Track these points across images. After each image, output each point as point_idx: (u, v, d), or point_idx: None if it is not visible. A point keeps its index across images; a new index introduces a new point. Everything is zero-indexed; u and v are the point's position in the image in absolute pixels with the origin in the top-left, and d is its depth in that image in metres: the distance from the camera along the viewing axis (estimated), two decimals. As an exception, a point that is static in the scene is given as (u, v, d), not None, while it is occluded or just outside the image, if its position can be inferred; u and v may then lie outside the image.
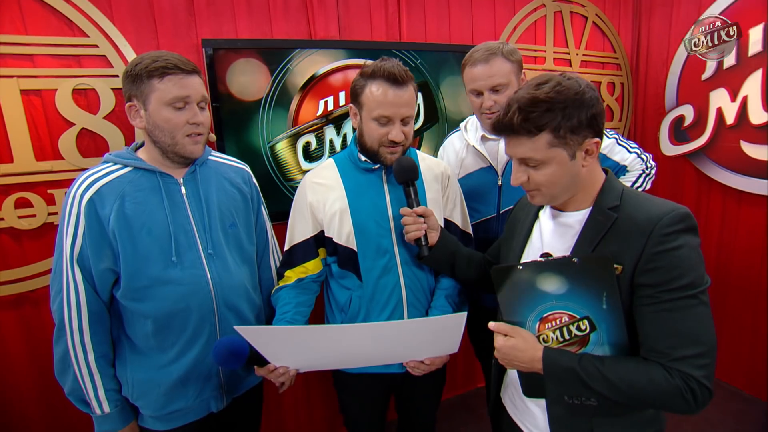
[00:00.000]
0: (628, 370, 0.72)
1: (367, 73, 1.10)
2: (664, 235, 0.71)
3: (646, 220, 0.73)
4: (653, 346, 0.72)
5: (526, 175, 0.81)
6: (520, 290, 0.77)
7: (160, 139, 1.01)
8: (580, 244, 0.79)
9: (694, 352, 0.69)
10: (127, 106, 1.02)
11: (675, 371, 0.69)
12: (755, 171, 2.10)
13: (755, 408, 2.12)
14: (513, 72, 1.27)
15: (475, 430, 2.12)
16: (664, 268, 0.70)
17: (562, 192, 0.81)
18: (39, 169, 1.43)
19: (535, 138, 0.76)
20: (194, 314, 1.05)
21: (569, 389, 0.75)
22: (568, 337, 0.77)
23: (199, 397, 1.09)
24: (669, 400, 0.69)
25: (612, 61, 2.50)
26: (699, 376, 0.68)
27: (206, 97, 1.05)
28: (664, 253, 0.70)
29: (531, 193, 0.83)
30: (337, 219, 1.15)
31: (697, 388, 0.68)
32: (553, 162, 0.77)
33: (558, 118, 0.74)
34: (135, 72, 0.98)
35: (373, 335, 0.95)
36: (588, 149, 0.78)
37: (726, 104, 2.17)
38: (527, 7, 2.21)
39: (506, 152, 0.84)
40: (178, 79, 0.98)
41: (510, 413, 0.98)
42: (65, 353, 1.00)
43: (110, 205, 0.98)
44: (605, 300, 0.72)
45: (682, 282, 0.70)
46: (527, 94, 0.76)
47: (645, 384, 0.70)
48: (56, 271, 1.01)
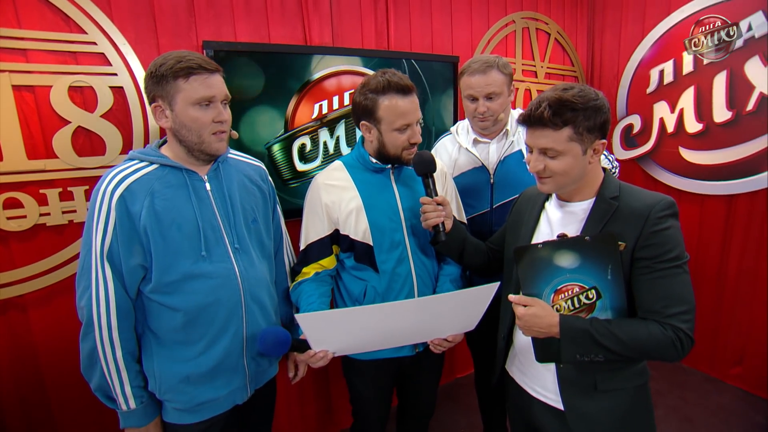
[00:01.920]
0: (632, 327, 0.90)
1: (377, 89, 1.19)
2: (658, 218, 0.90)
3: (642, 206, 0.92)
4: (650, 307, 0.91)
5: (543, 164, 0.96)
6: (538, 266, 0.92)
7: (187, 138, 1.05)
8: (588, 226, 0.97)
9: (681, 310, 0.89)
10: (152, 107, 1.04)
11: (668, 325, 0.89)
12: (691, 173, 2.47)
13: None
14: (505, 83, 1.45)
15: (462, 418, 2.28)
16: (658, 244, 0.90)
17: (570, 182, 0.98)
18: (30, 168, 1.39)
19: (559, 131, 0.92)
20: (223, 307, 1.09)
21: (582, 348, 0.91)
22: (578, 305, 0.93)
23: (226, 388, 1.13)
24: (663, 349, 0.88)
25: (571, 74, 2.81)
26: (685, 328, 0.88)
27: (228, 95, 1.09)
28: (658, 232, 0.90)
29: (543, 181, 0.99)
30: (353, 217, 1.25)
31: (684, 338, 0.88)
32: (569, 154, 0.93)
33: (580, 117, 0.91)
34: (160, 73, 1.00)
35: (418, 309, 1.06)
36: (596, 148, 0.96)
37: (667, 115, 2.53)
38: (499, 22, 2.44)
39: (527, 143, 0.99)
40: (203, 78, 1.02)
41: (518, 381, 1.14)
42: (93, 349, 1.02)
43: (141, 202, 1.01)
44: (610, 271, 0.90)
45: (672, 255, 0.90)
46: (556, 95, 0.92)
47: (645, 337, 0.88)
48: (84, 267, 1.02)
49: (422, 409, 1.53)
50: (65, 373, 1.50)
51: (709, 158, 2.38)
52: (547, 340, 0.95)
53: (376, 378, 1.38)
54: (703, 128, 2.38)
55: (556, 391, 1.01)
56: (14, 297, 1.42)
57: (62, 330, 1.48)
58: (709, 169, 2.39)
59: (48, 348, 1.48)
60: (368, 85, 1.21)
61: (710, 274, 2.45)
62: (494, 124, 1.50)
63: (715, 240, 2.42)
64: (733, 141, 2.27)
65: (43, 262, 1.44)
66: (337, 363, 2.02)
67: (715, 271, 2.43)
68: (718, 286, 2.42)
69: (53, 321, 1.48)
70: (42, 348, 1.48)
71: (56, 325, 1.48)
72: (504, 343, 1.16)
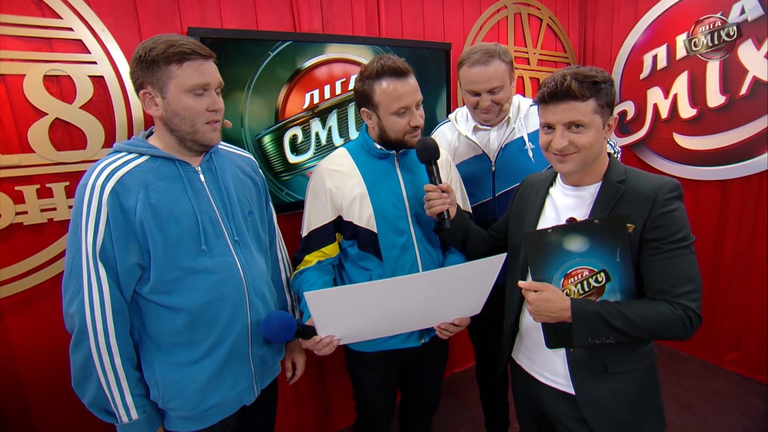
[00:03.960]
0: (642, 308, 0.93)
1: (372, 74, 1.20)
2: (665, 200, 0.93)
3: (649, 189, 0.95)
4: (659, 287, 0.93)
5: (567, 140, 0.96)
6: (548, 251, 0.93)
7: (180, 127, 1.00)
8: (596, 210, 0.98)
9: (690, 289, 0.92)
10: (141, 93, 0.99)
11: (677, 304, 0.91)
12: (685, 159, 2.52)
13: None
14: (507, 72, 1.44)
15: (463, 412, 2.29)
16: (666, 225, 0.92)
17: (592, 158, 0.98)
18: (4, 164, 1.33)
19: (586, 102, 0.93)
20: (227, 303, 1.06)
21: (594, 331, 0.92)
22: (587, 289, 0.95)
23: (233, 390, 1.10)
24: (673, 327, 0.91)
25: (563, 60, 2.83)
26: (694, 306, 0.91)
27: (222, 83, 1.05)
28: (666, 214, 0.93)
29: (567, 158, 0.98)
30: (357, 203, 1.24)
31: (693, 317, 0.91)
32: (593, 127, 0.95)
33: (602, 90, 0.94)
34: (150, 57, 0.94)
35: (426, 283, 1.05)
36: (609, 124, 0.99)
37: (660, 101, 2.57)
38: (491, 7, 2.44)
39: (548, 121, 0.98)
40: (198, 65, 0.97)
41: (525, 368, 1.15)
42: (87, 359, 0.95)
43: (135, 195, 0.96)
44: (619, 253, 0.92)
45: (679, 235, 0.93)
46: (574, 71, 0.94)
47: (655, 316, 0.91)
48: (73, 270, 0.95)
49: (427, 402, 1.53)
50: (46, 382, 1.45)
51: (703, 144, 2.43)
52: (558, 325, 0.96)
53: (381, 370, 1.37)
54: (697, 113, 2.42)
55: (566, 376, 1.02)
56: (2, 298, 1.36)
57: (43, 336, 1.43)
58: (704, 154, 2.44)
59: (27, 356, 1.43)
60: (365, 72, 1.22)
61: (706, 259, 2.50)
62: (498, 115, 1.50)
63: (710, 225, 2.47)
64: (727, 126, 2.32)
65: (20, 264, 1.39)
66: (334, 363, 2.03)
67: (710, 257, 2.49)
68: (714, 271, 2.48)
69: (32, 327, 1.42)
70: (21, 356, 1.42)
71: (36, 331, 1.43)
72: (511, 330, 1.17)
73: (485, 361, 1.77)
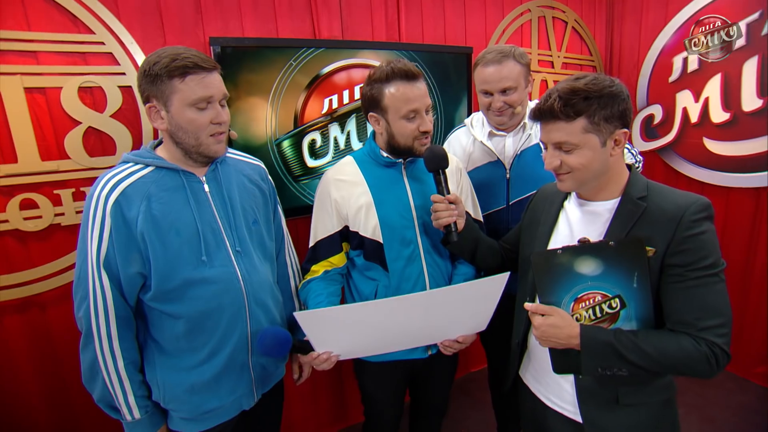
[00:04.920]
0: (660, 340, 0.80)
1: (381, 78, 1.12)
2: (692, 222, 0.79)
3: (674, 208, 0.81)
4: (681, 319, 0.80)
5: (558, 160, 0.86)
6: (558, 273, 0.83)
7: (184, 140, 0.97)
8: (613, 229, 0.86)
9: (717, 323, 0.78)
10: (146, 107, 0.96)
11: (701, 340, 0.78)
12: (716, 165, 2.30)
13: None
14: (522, 74, 1.33)
15: (476, 412, 2.21)
16: (693, 249, 0.79)
17: (591, 178, 0.87)
18: (44, 170, 1.36)
19: (572, 123, 0.83)
20: (227, 312, 1.03)
21: (605, 362, 0.81)
22: (600, 315, 0.84)
23: (232, 395, 1.07)
24: (696, 365, 0.78)
25: (589, 63, 2.65)
26: (721, 343, 0.78)
27: (227, 94, 1.01)
28: (693, 237, 0.79)
29: (561, 178, 0.89)
30: (362, 213, 1.17)
31: (719, 354, 0.78)
32: (586, 147, 0.84)
33: (594, 106, 0.82)
34: (154, 72, 0.92)
35: (425, 303, 0.97)
36: (617, 139, 0.85)
37: (690, 104, 2.35)
38: (514, 11, 2.30)
39: (541, 139, 0.90)
40: (200, 78, 0.93)
41: (533, 389, 1.04)
42: (94, 360, 0.96)
43: (137, 207, 0.94)
44: (636, 279, 0.80)
45: (707, 262, 0.79)
46: (567, 85, 0.83)
47: (675, 352, 0.78)
48: (81, 276, 0.96)
49: (436, 408, 1.46)
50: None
51: (735, 149, 2.21)
52: (566, 351, 0.86)
53: (387, 380, 1.31)
54: (730, 117, 2.20)
55: (574, 403, 0.92)
56: (33, 295, 1.41)
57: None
58: (736, 160, 2.21)
59: (67, 345, 1.47)
60: (373, 76, 1.14)
61: (735, 269, 2.28)
62: (511, 118, 1.39)
63: (741, 235, 2.25)
64: (763, 131, 2.09)
65: (59, 261, 1.42)
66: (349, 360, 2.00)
67: (740, 267, 2.27)
68: (744, 282, 2.27)
69: (71, 318, 1.43)
70: (61, 344, 1.47)
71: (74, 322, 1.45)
72: (518, 348, 1.07)
73: (497, 369, 1.68)
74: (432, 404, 1.44)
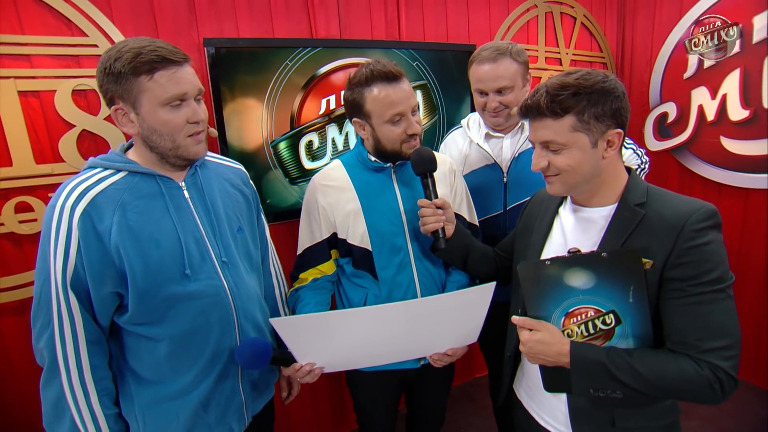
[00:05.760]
0: (658, 362, 0.73)
1: (361, 81, 1.07)
2: (695, 231, 0.72)
3: (675, 216, 0.74)
4: (682, 339, 0.73)
5: (546, 161, 0.81)
6: (547, 285, 0.77)
7: (159, 144, 0.86)
8: (607, 238, 0.80)
9: (723, 344, 0.71)
10: (112, 110, 0.85)
11: (704, 363, 0.71)
12: (734, 165, 2.18)
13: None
14: (519, 73, 1.27)
15: (477, 419, 2.16)
16: (695, 262, 0.72)
17: (581, 181, 0.81)
18: (39, 173, 1.36)
19: (560, 120, 0.77)
20: (215, 329, 0.94)
21: (596, 382, 0.75)
22: (593, 331, 0.77)
23: (222, 421, 0.98)
24: (697, 390, 0.71)
25: (599, 60, 2.55)
26: (727, 367, 0.70)
27: (202, 89, 0.90)
28: (696, 248, 0.72)
29: (550, 180, 0.83)
30: (350, 220, 1.13)
31: (725, 379, 0.70)
32: (575, 147, 0.78)
33: (584, 102, 0.75)
34: (116, 69, 0.79)
35: (407, 313, 0.92)
36: (610, 139, 0.79)
37: (707, 102, 2.24)
38: (520, 7, 2.22)
39: (529, 138, 0.84)
40: (171, 73, 0.82)
41: (526, 406, 0.99)
42: (59, 398, 0.83)
43: (110, 218, 0.82)
44: (632, 293, 0.73)
45: (712, 276, 0.72)
46: (557, 80, 0.77)
47: (674, 375, 0.71)
48: (42, 300, 0.82)
49: (431, 419, 1.41)
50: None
51: (755, 148, 2.09)
52: (557, 368, 0.79)
53: (379, 390, 1.27)
54: (750, 115, 2.08)
55: (567, 424, 0.86)
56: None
57: None
58: (755, 160, 2.09)
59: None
60: (353, 80, 1.08)
61: (754, 274, 2.17)
62: (507, 119, 1.33)
63: (761, 237, 2.13)
64: (786, 129, 1.98)
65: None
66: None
67: (760, 271, 2.15)
68: (764, 288, 2.14)
69: None
70: (57, 347, 1.47)
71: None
72: (511, 361, 1.02)
73: (497, 376, 1.62)
74: (428, 414, 1.40)
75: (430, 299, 0.94)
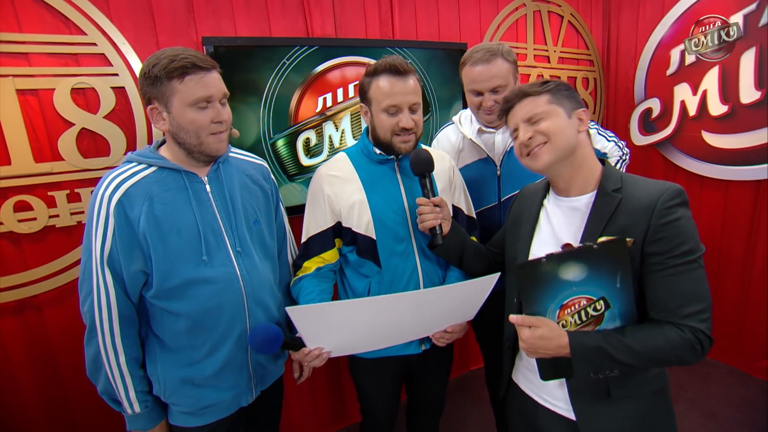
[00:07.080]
0: (647, 335, 0.80)
1: (371, 71, 1.15)
2: (666, 209, 0.80)
3: (648, 197, 0.82)
4: (664, 307, 0.81)
5: (531, 131, 0.91)
6: (544, 282, 0.81)
7: (186, 140, 0.99)
8: (591, 223, 0.86)
9: (698, 308, 0.79)
10: (148, 109, 0.99)
11: (685, 327, 0.79)
12: (715, 158, 2.28)
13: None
14: (510, 72, 1.32)
15: (475, 410, 2.21)
16: (669, 237, 0.80)
17: (566, 146, 0.89)
18: (38, 171, 1.37)
19: (538, 97, 0.91)
20: (226, 312, 1.04)
21: (596, 366, 0.81)
22: (585, 318, 0.83)
23: (231, 392, 1.09)
24: (683, 353, 0.79)
25: (585, 57, 2.63)
26: (704, 328, 0.79)
27: (227, 93, 1.02)
28: (668, 224, 0.80)
29: (537, 151, 0.90)
30: (356, 209, 1.17)
31: (704, 339, 0.79)
32: (554, 114, 0.90)
33: (551, 86, 0.92)
34: (153, 74, 0.94)
35: (416, 302, 0.99)
36: (580, 117, 0.91)
37: (688, 97, 2.33)
38: (509, 6, 2.28)
39: (511, 126, 0.96)
40: (199, 78, 0.95)
41: (524, 388, 1.04)
42: (97, 354, 0.99)
43: (139, 207, 0.96)
44: (619, 279, 0.79)
45: (685, 248, 0.80)
46: (527, 84, 0.95)
47: (663, 344, 0.78)
48: (85, 273, 0.98)
49: (431, 406, 1.46)
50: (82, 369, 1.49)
51: (734, 142, 2.19)
52: (555, 359, 0.85)
53: (382, 377, 1.31)
54: (728, 110, 2.18)
55: (566, 399, 0.91)
56: (29, 297, 1.41)
57: (77, 328, 1.45)
58: (735, 153, 2.19)
59: (64, 346, 1.48)
60: (368, 68, 1.16)
61: (735, 263, 2.27)
62: None
63: (741, 228, 2.23)
64: (762, 123, 2.07)
65: (54, 263, 1.43)
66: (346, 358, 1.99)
67: (740, 261, 2.25)
68: (744, 275, 2.25)
69: (67, 320, 1.47)
70: (58, 346, 1.48)
71: (70, 324, 1.47)
72: (510, 351, 1.07)
73: (493, 367, 1.67)
74: (428, 401, 1.44)
75: (441, 289, 1.01)
